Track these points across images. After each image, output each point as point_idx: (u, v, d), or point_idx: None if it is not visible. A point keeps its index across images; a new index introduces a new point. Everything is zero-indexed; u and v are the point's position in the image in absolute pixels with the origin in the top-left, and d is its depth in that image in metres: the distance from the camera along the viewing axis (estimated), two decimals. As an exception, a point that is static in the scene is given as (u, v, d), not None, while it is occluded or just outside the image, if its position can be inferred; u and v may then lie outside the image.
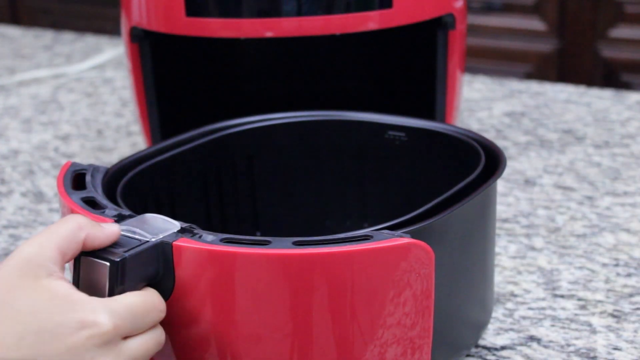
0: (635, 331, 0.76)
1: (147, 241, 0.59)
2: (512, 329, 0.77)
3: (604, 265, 0.86)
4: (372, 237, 0.58)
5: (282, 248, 0.57)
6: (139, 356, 0.57)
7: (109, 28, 2.29)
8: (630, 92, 1.30)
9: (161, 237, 0.59)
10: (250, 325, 0.59)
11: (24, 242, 0.57)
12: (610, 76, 2.09)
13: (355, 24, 0.89)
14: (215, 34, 0.89)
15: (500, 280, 0.84)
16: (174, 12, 0.89)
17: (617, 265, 0.86)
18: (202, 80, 1.07)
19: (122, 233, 0.60)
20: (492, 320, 0.78)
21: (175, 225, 0.61)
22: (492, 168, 0.71)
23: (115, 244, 0.58)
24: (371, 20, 0.89)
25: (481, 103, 1.28)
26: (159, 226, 0.60)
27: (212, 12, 0.89)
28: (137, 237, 0.59)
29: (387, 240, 0.58)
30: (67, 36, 1.66)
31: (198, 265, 0.59)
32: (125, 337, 0.57)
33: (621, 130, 1.17)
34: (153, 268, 0.59)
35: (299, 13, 0.87)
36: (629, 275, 0.85)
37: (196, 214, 0.81)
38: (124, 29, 0.96)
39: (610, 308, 0.80)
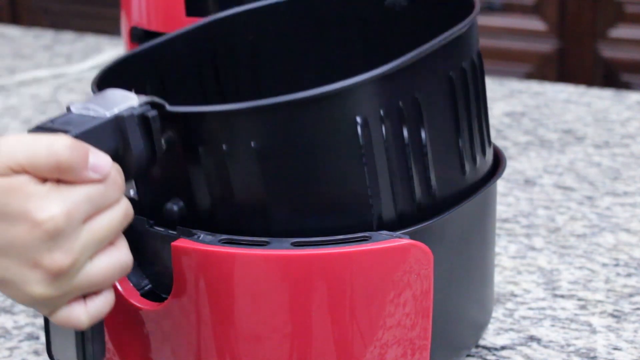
0: (635, 331, 0.76)
1: (101, 117, 0.55)
2: (512, 329, 0.77)
3: (604, 265, 0.86)
4: (370, 238, 0.58)
5: (281, 249, 0.57)
6: (105, 235, 0.54)
7: (109, 28, 2.29)
8: (630, 92, 1.30)
9: (116, 111, 0.56)
10: (249, 326, 0.59)
11: (9, 136, 0.54)
12: (610, 76, 2.09)
13: (355, 24, 0.88)
14: (215, 33, 0.89)
15: (500, 280, 0.84)
16: (174, 12, 0.89)
17: (617, 265, 0.86)
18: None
19: (76, 112, 0.56)
20: (492, 320, 0.78)
21: (133, 98, 0.57)
22: (492, 169, 0.71)
23: (68, 124, 0.55)
24: (371, 20, 0.89)
25: (481, 103, 1.28)
26: (117, 100, 0.57)
27: (212, 12, 0.89)
28: (91, 113, 0.56)
29: (385, 242, 0.58)
30: (67, 36, 1.66)
31: (196, 266, 0.59)
32: (86, 220, 0.53)
33: (621, 130, 1.17)
34: (111, 144, 0.55)
35: (299, 13, 0.87)
36: (629, 275, 0.85)
37: (192, 103, 0.76)
38: (124, 29, 0.96)
39: (610, 308, 0.80)
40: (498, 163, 0.72)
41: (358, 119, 0.59)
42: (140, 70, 0.71)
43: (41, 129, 0.55)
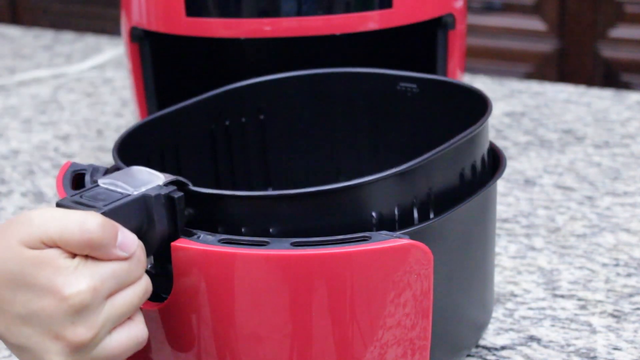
0: (635, 331, 0.76)
1: (129, 194, 0.57)
2: (512, 329, 0.77)
3: (604, 265, 0.86)
4: (370, 238, 0.58)
5: (280, 249, 0.57)
6: (126, 312, 0.56)
7: (109, 28, 2.29)
8: (630, 92, 1.30)
9: (143, 190, 0.58)
10: (249, 325, 0.59)
11: (43, 209, 0.56)
12: (610, 76, 2.09)
13: (355, 24, 0.89)
14: (215, 34, 0.89)
15: (500, 280, 0.84)
16: (174, 12, 0.89)
17: (617, 265, 0.86)
18: (202, 80, 1.07)
19: (104, 186, 0.58)
20: (492, 320, 0.78)
21: (159, 177, 0.59)
22: (493, 169, 0.71)
23: (96, 199, 0.57)
24: (371, 20, 0.89)
25: (481, 103, 1.28)
26: (143, 179, 0.59)
27: (212, 12, 0.89)
28: (119, 190, 0.58)
29: (385, 242, 0.58)
30: (67, 36, 1.66)
31: (196, 266, 0.59)
32: (109, 296, 0.55)
33: (621, 130, 1.17)
34: (136, 222, 0.57)
35: (299, 13, 0.87)
36: (629, 275, 0.85)
37: (204, 171, 0.80)
38: (124, 29, 0.96)
39: (610, 308, 0.80)
40: (498, 163, 0.72)
41: (373, 214, 0.61)
42: (157, 136, 0.75)
43: (70, 202, 0.57)
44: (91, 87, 1.40)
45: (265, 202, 0.60)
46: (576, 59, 2.11)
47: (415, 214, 0.63)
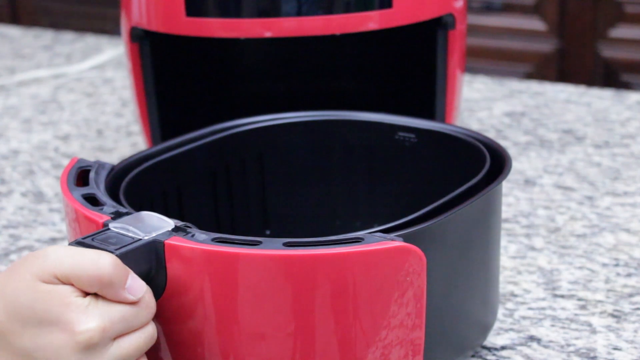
0: (635, 331, 0.76)
1: (139, 239, 0.59)
2: (512, 329, 0.77)
3: (604, 265, 0.86)
4: (363, 239, 0.58)
5: (272, 249, 0.57)
6: (130, 355, 0.57)
7: (109, 28, 2.29)
8: (630, 92, 1.30)
9: (154, 235, 0.59)
10: (240, 324, 0.59)
11: (58, 246, 0.57)
12: (610, 76, 2.09)
13: (355, 24, 0.89)
14: (215, 34, 0.89)
15: (500, 280, 0.84)
16: (174, 12, 0.89)
17: (617, 265, 0.86)
18: (202, 80, 1.07)
19: (116, 230, 0.60)
20: (492, 320, 0.78)
21: (169, 223, 0.60)
22: (498, 171, 0.71)
23: (107, 242, 0.58)
24: (371, 20, 0.89)
25: (481, 103, 1.28)
26: (153, 224, 0.60)
27: (212, 12, 0.89)
28: (130, 234, 0.59)
29: (377, 244, 0.58)
30: (67, 36, 1.66)
31: (188, 264, 0.59)
32: (116, 337, 0.56)
33: (621, 130, 1.17)
34: (145, 266, 0.59)
35: (299, 13, 0.87)
36: (629, 275, 0.85)
37: (205, 213, 0.81)
38: (124, 29, 0.96)
39: (610, 308, 0.80)
40: (503, 164, 0.71)
41: None
42: (161, 177, 0.76)
43: (81, 244, 0.58)
44: (91, 87, 1.40)
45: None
46: (576, 59, 2.11)
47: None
